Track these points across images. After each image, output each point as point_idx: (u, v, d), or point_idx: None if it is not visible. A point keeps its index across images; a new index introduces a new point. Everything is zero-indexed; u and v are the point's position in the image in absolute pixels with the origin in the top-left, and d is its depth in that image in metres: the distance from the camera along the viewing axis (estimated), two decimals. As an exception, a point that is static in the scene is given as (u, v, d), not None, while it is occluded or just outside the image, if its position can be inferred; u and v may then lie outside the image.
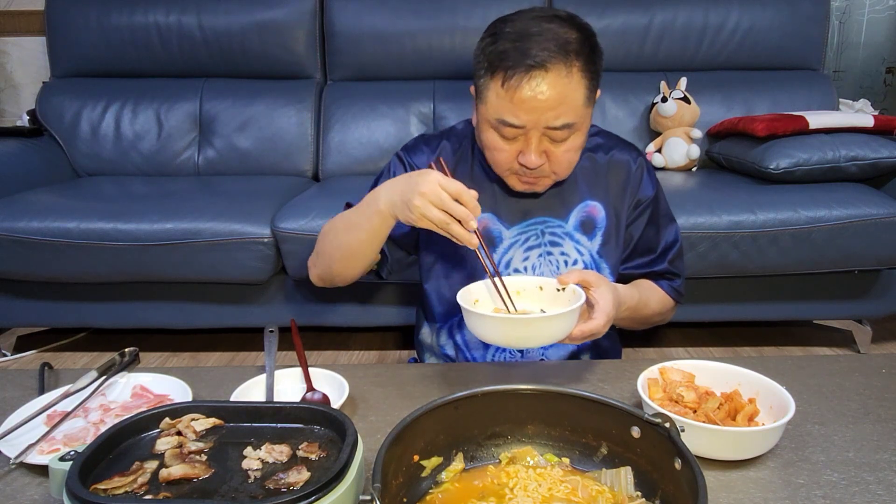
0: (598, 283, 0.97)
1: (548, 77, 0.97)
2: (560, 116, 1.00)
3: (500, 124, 1.02)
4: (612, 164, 1.19)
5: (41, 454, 0.80)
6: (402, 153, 1.22)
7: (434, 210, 0.90)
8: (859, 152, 1.99)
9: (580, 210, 1.17)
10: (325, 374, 0.97)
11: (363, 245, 1.07)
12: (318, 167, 2.53)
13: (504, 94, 0.99)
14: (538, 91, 0.97)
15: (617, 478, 0.71)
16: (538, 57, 0.97)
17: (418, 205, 0.91)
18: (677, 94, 2.39)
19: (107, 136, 2.52)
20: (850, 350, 2.23)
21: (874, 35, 3.18)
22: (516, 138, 1.03)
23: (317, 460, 0.69)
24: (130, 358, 1.01)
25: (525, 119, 1.00)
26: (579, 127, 1.04)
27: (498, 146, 1.05)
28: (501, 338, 0.89)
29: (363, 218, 1.05)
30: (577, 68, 0.99)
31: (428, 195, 0.90)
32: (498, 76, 0.99)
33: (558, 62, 0.97)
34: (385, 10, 2.52)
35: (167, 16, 2.54)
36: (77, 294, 2.10)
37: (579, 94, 1.00)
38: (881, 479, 0.76)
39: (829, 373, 1.02)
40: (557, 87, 0.98)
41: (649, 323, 1.21)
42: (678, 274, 1.21)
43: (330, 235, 1.13)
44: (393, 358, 2.27)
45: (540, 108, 0.98)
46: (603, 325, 0.94)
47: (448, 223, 0.90)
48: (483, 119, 1.05)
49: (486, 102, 1.03)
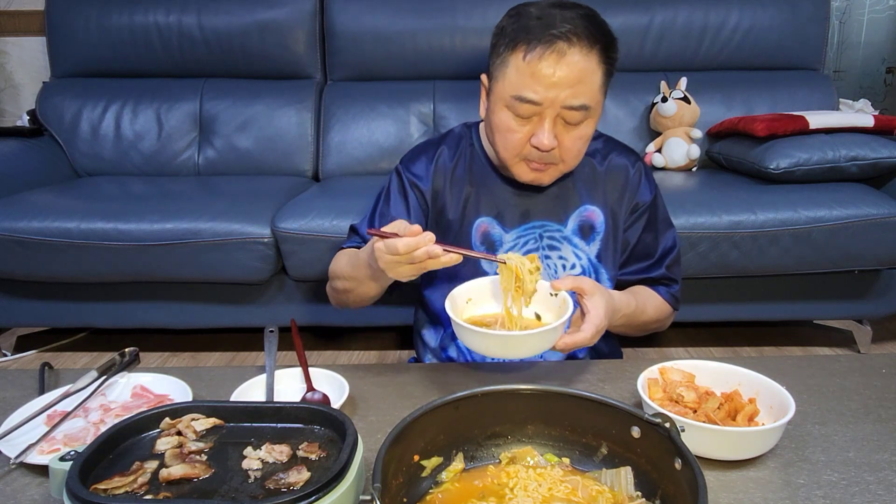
0: (591, 292, 0.96)
1: (570, 52, 0.98)
2: (578, 96, 1.00)
3: (516, 101, 1.01)
4: (610, 169, 1.19)
5: (41, 454, 0.80)
6: (400, 167, 1.21)
7: (404, 269, 0.91)
8: (859, 152, 1.99)
9: (579, 214, 1.16)
10: (325, 374, 0.97)
11: (372, 291, 1.09)
12: (318, 167, 2.52)
13: (524, 67, 0.99)
14: (558, 66, 0.98)
15: (617, 478, 0.71)
16: (563, 28, 0.97)
17: (392, 275, 0.93)
18: (677, 94, 2.39)
19: (107, 136, 2.52)
20: (850, 350, 2.23)
21: (874, 35, 3.17)
22: (530, 119, 1.03)
23: (317, 460, 0.69)
24: (130, 358, 1.01)
25: (543, 95, 1.00)
26: (593, 114, 1.04)
27: (511, 127, 1.04)
28: (482, 348, 0.90)
29: (364, 276, 1.05)
30: (597, 51, 1.00)
31: (388, 266, 0.91)
32: (520, 49, 1.00)
33: (581, 40, 0.98)
34: (385, 10, 2.52)
35: (167, 16, 2.54)
36: (77, 294, 2.10)
37: (597, 77, 1.02)
38: (881, 479, 0.76)
39: (829, 373, 1.01)
40: (578, 64, 0.99)
41: (646, 330, 1.20)
42: (675, 280, 1.21)
43: (339, 281, 1.14)
44: (393, 358, 2.27)
45: (559, 84, 0.99)
46: (590, 338, 0.94)
47: (423, 267, 0.90)
48: (498, 98, 1.05)
49: (503, 79, 1.03)
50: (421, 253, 0.87)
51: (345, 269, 1.11)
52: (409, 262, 0.89)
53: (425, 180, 1.18)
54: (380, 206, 1.19)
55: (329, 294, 1.21)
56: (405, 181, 1.18)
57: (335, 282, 1.16)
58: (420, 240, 0.87)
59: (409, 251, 0.87)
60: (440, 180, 1.18)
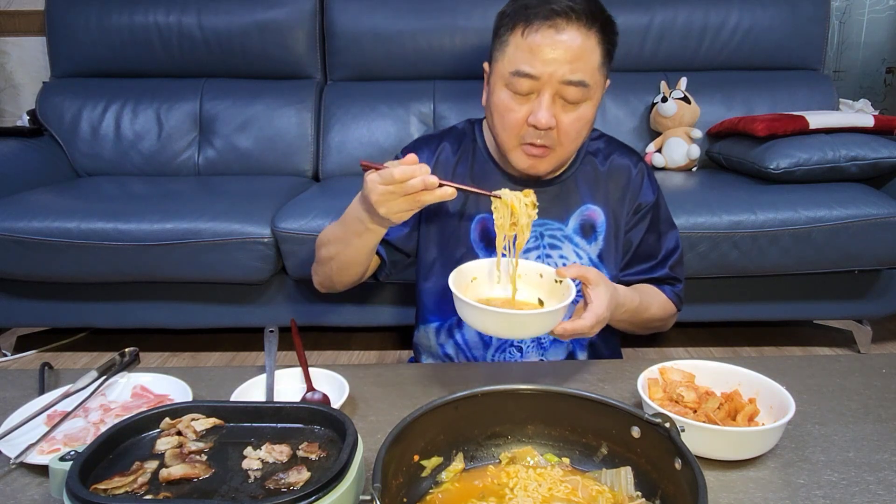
0: (596, 282, 0.96)
1: (568, 27, 0.99)
2: (577, 71, 1.00)
3: (514, 77, 1.02)
4: (612, 169, 1.18)
5: (41, 454, 0.80)
6: (400, 155, 1.21)
7: (397, 203, 0.90)
8: (859, 152, 1.99)
9: (580, 213, 1.16)
10: (325, 374, 0.97)
11: (358, 255, 1.08)
12: (318, 167, 2.53)
13: (523, 42, 1.00)
14: (557, 39, 0.99)
15: (617, 478, 0.71)
16: (562, 3, 0.99)
17: (384, 212, 0.91)
18: (677, 94, 2.40)
19: (107, 136, 2.52)
20: (850, 350, 2.23)
21: (874, 35, 3.17)
22: (529, 97, 1.03)
23: (317, 460, 0.69)
24: (130, 358, 1.01)
25: (541, 69, 1.00)
26: (591, 94, 1.04)
27: (509, 106, 1.04)
28: (480, 325, 0.90)
29: (351, 233, 1.04)
30: (595, 31, 1.01)
31: (381, 200, 0.90)
32: (519, 26, 1.01)
33: (580, 17, 0.99)
34: (385, 10, 2.52)
35: (167, 16, 2.54)
36: (77, 294, 2.10)
37: (596, 55, 1.02)
38: (881, 479, 0.76)
39: (829, 373, 1.01)
40: (577, 39, 0.99)
41: (649, 328, 1.19)
42: (679, 279, 1.20)
43: (324, 248, 1.13)
44: (393, 358, 2.27)
45: (557, 59, 0.99)
46: (589, 326, 0.93)
47: (417, 200, 0.90)
48: (497, 79, 1.05)
49: (502, 58, 1.04)
50: (417, 182, 0.87)
51: (330, 231, 1.11)
52: (404, 193, 0.88)
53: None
54: None
55: (314, 275, 1.20)
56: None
57: (320, 251, 1.14)
58: (416, 168, 0.87)
59: (405, 178, 0.87)
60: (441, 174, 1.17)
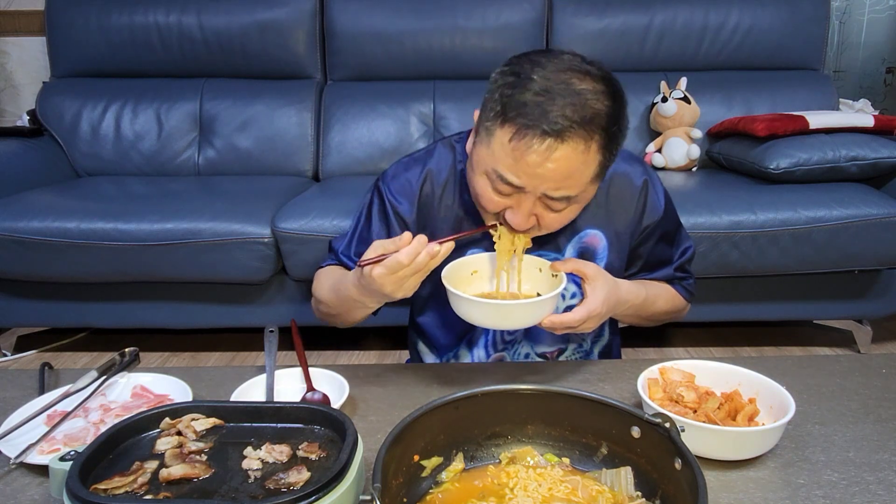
0: (594, 277, 0.95)
1: (561, 148, 0.86)
2: (561, 189, 0.90)
3: (496, 177, 0.91)
4: (613, 187, 1.09)
5: (41, 454, 0.80)
6: (382, 186, 1.13)
7: (409, 282, 0.88)
8: (859, 152, 1.99)
9: (578, 240, 1.09)
10: (325, 374, 0.97)
11: (362, 315, 1.06)
12: (318, 167, 2.53)
13: (510, 150, 0.88)
14: (547, 161, 0.87)
15: (617, 478, 0.71)
16: (557, 124, 0.85)
17: (401, 294, 0.89)
18: (677, 94, 2.39)
19: (107, 136, 2.52)
20: (850, 350, 2.23)
21: (874, 35, 3.17)
22: (510, 196, 0.93)
23: (317, 460, 0.69)
24: (130, 358, 1.01)
25: (524, 182, 0.90)
26: (580, 200, 0.95)
27: (487, 196, 0.95)
28: (469, 315, 0.93)
29: (352, 308, 1.02)
30: (595, 143, 0.88)
31: (396, 287, 0.88)
32: (508, 128, 0.88)
33: (577, 134, 0.86)
34: (385, 10, 2.52)
35: (167, 16, 2.54)
36: (77, 294, 2.10)
37: (590, 170, 0.91)
38: (881, 479, 0.76)
39: (829, 373, 1.01)
40: (569, 160, 0.87)
41: (658, 321, 1.17)
42: (689, 274, 1.18)
43: (325, 307, 1.10)
44: (393, 358, 2.27)
45: (543, 178, 0.89)
46: (579, 320, 0.92)
47: (427, 271, 0.88)
48: (479, 161, 0.94)
49: (487, 147, 0.92)
50: (423, 257, 0.85)
51: (329, 297, 1.07)
52: (414, 272, 0.87)
53: (408, 209, 1.11)
54: (360, 229, 1.14)
55: (315, 311, 1.16)
56: (387, 204, 1.11)
57: (321, 305, 1.11)
58: (418, 245, 0.85)
59: (411, 260, 0.85)
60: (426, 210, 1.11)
